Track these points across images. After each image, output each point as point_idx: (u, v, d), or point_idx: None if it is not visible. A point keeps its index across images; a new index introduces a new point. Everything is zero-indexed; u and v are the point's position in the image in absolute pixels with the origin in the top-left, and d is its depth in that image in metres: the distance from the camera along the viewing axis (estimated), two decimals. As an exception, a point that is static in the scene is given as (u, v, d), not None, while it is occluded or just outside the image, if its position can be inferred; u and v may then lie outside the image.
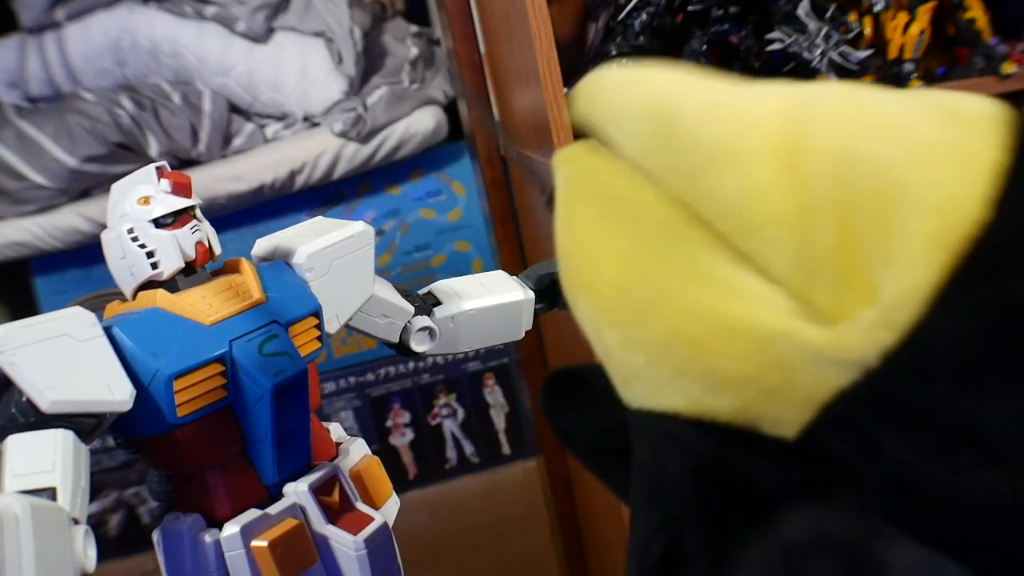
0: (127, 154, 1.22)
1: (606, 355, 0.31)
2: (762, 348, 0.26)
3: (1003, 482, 0.23)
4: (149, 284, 0.54)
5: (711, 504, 0.28)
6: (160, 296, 0.53)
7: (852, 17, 0.98)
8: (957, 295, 0.24)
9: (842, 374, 0.25)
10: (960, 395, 0.24)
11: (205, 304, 0.54)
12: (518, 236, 1.31)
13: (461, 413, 1.43)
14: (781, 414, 0.27)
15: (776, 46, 0.93)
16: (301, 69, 1.27)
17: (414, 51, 1.34)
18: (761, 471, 0.27)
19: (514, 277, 0.60)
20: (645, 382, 0.29)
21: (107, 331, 0.50)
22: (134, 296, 0.54)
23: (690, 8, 0.96)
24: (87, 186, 1.22)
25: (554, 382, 0.38)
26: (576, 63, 1.12)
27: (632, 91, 0.33)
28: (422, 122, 1.27)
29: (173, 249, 0.53)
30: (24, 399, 0.45)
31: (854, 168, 0.26)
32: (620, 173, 0.32)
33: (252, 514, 0.53)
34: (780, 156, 0.28)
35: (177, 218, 0.54)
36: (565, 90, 0.86)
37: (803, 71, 0.99)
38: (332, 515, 0.56)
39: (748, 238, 0.28)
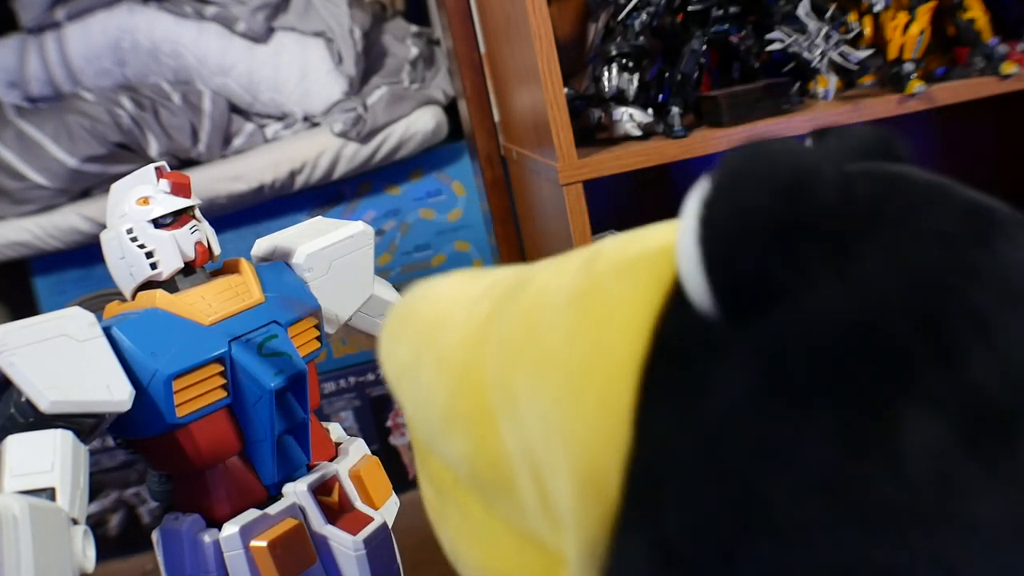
0: (127, 154, 1.22)
1: None
2: None
3: None
4: (148, 284, 0.54)
5: None
6: (159, 296, 0.53)
7: (852, 17, 0.98)
8: (622, 543, 0.26)
9: None
10: None
11: (204, 304, 0.54)
12: (518, 236, 1.31)
13: (461, 413, 1.42)
14: None
15: (776, 46, 0.93)
16: (301, 69, 1.27)
17: (414, 51, 1.34)
18: None
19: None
20: None
21: (106, 331, 0.50)
22: (133, 296, 0.54)
23: (690, 8, 0.96)
24: (87, 186, 1.22)
25: None
26: (576, 63, 1.12)
27: (388, 357, 0.38)
28: (422, 122, 1.27)
29: (172, 249, 0.53)
30: (23, 399, 0.45)
31: (522, 422, 0.29)
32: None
33: (251, 514, 0.53)
34: (485, 414, 0.31)
35: (176, 218, 0.54)
36: (565, 90, 0.86)
37: (803, 71, 0.99)
38: (331, 515, 0.56)
39: (489, 499, 0.32)
